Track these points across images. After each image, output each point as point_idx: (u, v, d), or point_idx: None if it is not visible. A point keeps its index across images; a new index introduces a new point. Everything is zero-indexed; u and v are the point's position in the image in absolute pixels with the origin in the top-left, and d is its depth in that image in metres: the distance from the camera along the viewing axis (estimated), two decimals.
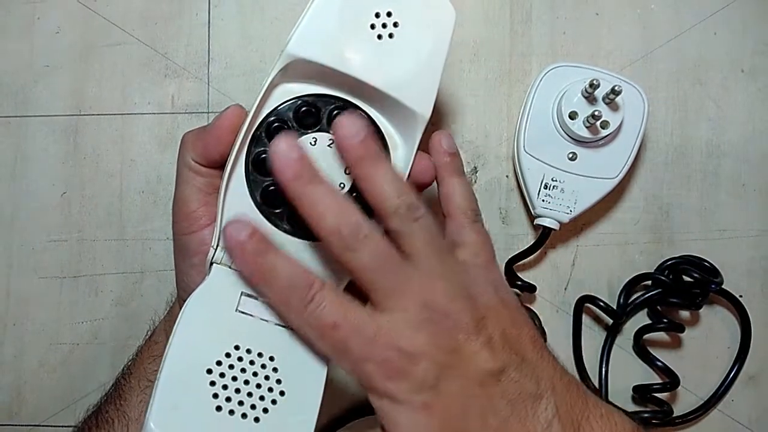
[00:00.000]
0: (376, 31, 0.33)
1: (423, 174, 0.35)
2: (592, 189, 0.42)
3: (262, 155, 0.33)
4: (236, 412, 0.29)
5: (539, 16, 0.45)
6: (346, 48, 0.32)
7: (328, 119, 0.34)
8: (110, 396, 0.37)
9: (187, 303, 0.31)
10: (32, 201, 0.46)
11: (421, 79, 0.34)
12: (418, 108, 0.33)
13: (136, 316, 0.45)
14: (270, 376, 0.31)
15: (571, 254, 0.45)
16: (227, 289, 0.32)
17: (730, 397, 0.45)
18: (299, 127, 0.33)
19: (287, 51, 0.32)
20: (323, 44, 0.32)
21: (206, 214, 0.34)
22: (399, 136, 0.35)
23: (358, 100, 0.34)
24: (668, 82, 0.45)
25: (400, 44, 0.33)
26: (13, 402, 0.45)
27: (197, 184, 0.34)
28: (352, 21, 0.32)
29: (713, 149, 0.45)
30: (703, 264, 0.43)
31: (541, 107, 0.42)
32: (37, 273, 0.45)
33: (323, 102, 0.34)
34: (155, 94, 0.46)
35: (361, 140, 0.30)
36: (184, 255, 0.35)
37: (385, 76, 0.33)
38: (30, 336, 0.45)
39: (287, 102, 0.33)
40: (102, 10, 0.46)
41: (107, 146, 0.46)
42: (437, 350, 0.28)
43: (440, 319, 0.29)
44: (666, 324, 0.43)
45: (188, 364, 0.30)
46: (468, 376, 0.28)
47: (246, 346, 0.31)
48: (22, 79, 0.46)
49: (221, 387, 0.29)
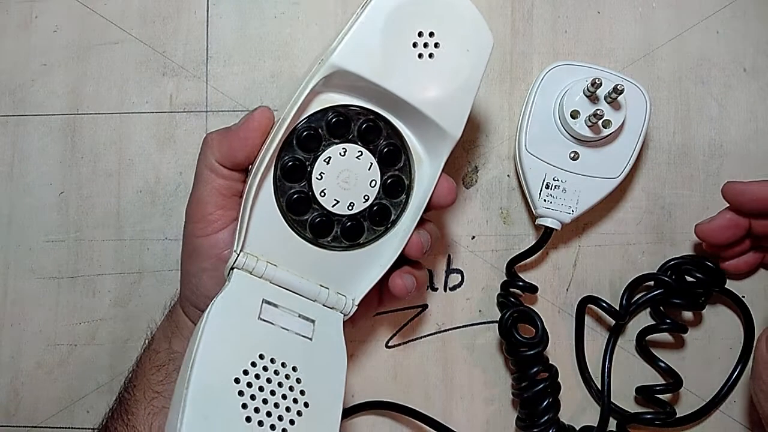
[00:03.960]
0: (417, 49, 0.33)
1: (445, 196, 0.36)
2: (594, 189, 0.41)
3: (290, 162, 0.33)
4: (265, 423, 0.29)
5: (541, 15, 0.45)
6: (387, 63, 0.33)
7: (359, 132, 0.34)
8: (115, 412, 0.36)
9: (211, 310, 0.30)
10: (29, 201, 0.45)
11: (455, 100, 0.34)
12: (450, 128, 0.34)
13: (135, 317, 0.45)
14: (294, 387, 0.30)
15: (573, 254, 0.45)
16: (249, 296, 0.32)
17: (733, 398, 0.44)
18: (330, 136, 0.34)
19: (331, 61, 0.32)
20: (366, 58, 0.32)
21: (222, 217, 0.34)
22: (426, 153, 0.36)
23: (390, 115, 0.35)
24: (670, 81, 0.45)
25: (440, 65, 0.34)
26: (11, 403, 0.45)
27: (217, 186, 0.34)
28: (396, 38, 0.33)
29: (715, 149, 0.45)
30: (705, 264, 0.43)
31: (542, 106, 0.42)
32: (35, 273, 0.45)
33: (355, 114, 0.34)
34: (153, 93, 0.45)
35: None
36: (196, 258, 0.34)
37: (421, 94, 0.33)
38: (27, 337, 0.45)
39: (321, 111, 0.33)
40: (100, 9, 0.45)
41: (105, 145, 0.45)
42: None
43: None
44: (669, 325, 0.42)
45: (216, 374, 0.29)
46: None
47: (270, 356, 0.30)
48: (20, 78, 0.45)
49: (249, 397, 0.29)
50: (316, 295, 0.34)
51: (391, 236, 0.36)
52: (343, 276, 0.35)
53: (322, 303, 0.35)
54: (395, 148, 0.35)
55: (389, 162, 0.35)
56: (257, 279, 0.33)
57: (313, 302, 0.34)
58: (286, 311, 0.33)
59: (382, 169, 0.35)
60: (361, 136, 0.34)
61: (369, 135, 0.34)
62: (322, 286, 0.35)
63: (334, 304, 0.35)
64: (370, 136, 0.34)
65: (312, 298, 0.34)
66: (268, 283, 0.33)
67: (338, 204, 0.34)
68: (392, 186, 0.35)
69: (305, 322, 0.33)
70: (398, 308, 0.45)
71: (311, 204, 0.34)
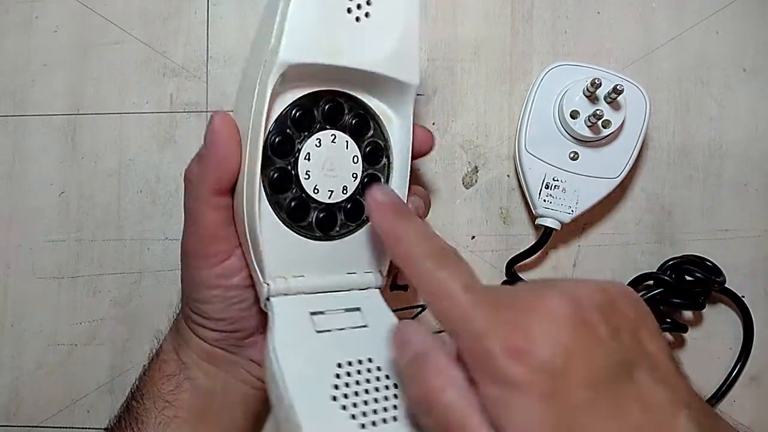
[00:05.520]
0: (353, 14, 0.33)
1: (423, 143, 0.36)
2: (593, 189, 0.42)
3: (275, 174, 0.32)
4: (377, 422, 0.28)
5: (540, 15, 0.45)
6: (332, 40, 0.32)
7: (323, 116, 0.34)
8: (123, 420, 0.36)
9: (274, 347, 0.29)
10: (30, 201, 0.45)
11: (402, 48, 0.33)
12: (407, 78, 0.34)
13: (135, 317, 0.45)
14: (380, 377, 0.30)
15: (573, 254, 0.45)
16: (297, 316, 0.32)
17: (732, 397, 0.44)
18: (299, 133, 0.33)
19: (280, 60, 0.30)
20: (312, 43, 0.31)
21: (225, 247, 0.33)
22: (392, 111, 0.35)
23: (347, 87, 0.34)
24: (670, 82, 0.45)
25: (377, 20, 0.33)
26: (12, 403, 0.45)
27: (213, 220, 0.32)
28: (331, 11, 0.32)
29: (715, 149, 0.45)
30: (705, 263, 0.43)
31: (542, 106, 0.42)
32: (35, 273, 0.45)
33: (315, 101, 0.33)
34: (154, 93, 0.45)
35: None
36: (202, 288, 0.34)
37: (372, 57, 0.33)
38: (28, 337, 0.45)
39: (283, 113, 0.33)
40: (100, 9, 0.45)
41: (105, 146, 0.45)
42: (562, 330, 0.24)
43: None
44: (669, 324, 0.42)
45: (315, 406, 0.28)
46: (595, 363, 0.24)
47: (345, 360, 0.30)
48: (20, 78, 0.46)
49: (352, 406, 0.28)
50: (350, 285, 0.35)
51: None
52: (362, 255, 0.35)
53: (357, 289, 0.35)
54: (363, 118, 0.35)
55: (361, 133, 0.35)
56: (294, 297, 0.32)
57: (348, 292, 0.34)
58: (332, 313, 0.32)
59: (358, 142, 0.35)
60: (327, 120, 0.34)
61: (335, 115, 0.34)
62: (349, 273, 0.35)
63: (368, 284, 0.35)
64: (337, 116, 0.34)
65: (347, 289, 0.34)
66: (305, 295, 0.33)
67: (333, 193, 0.34)
68: (372, 154, 0.35)
69: (353, 313, 0.33)
70: (398, 308, 0.45)
71: (310, 205, 0.34)
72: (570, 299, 0.25)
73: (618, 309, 0.26)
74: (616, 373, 0.24)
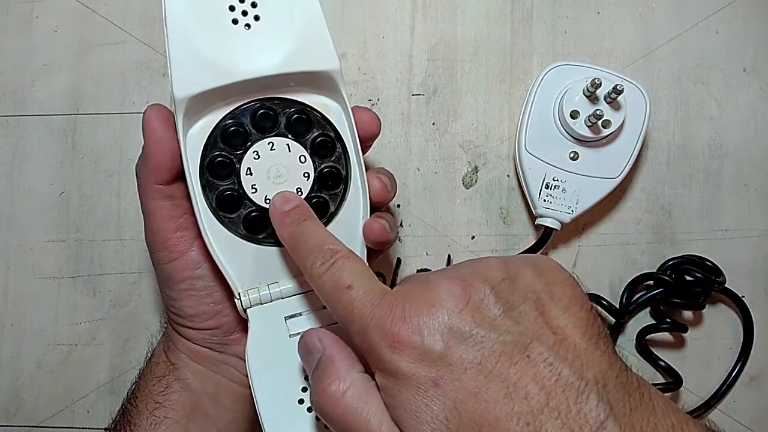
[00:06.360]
0: (240, 23, 0.31)
1: (369, 124, 0.34)
2: (593, 189, 0.42)
3: (223, 194, 0.32)
4: None
5: (540, 15, 0.45)
6: (226, 56, 0.31)
7: (255, 127, 0.33)
8: (118, 423, 0.36)
9: (247, 357, 0.32)
10: (30, 201, 0.45)
11: (310, 37, 0.32)
12: (323, 66, 0.32)
13: (135, 317, 0.45)
14: None
15: (573, 254, 0.45)
16: (272, 324, 0.33)
17: (732, 397, 0.44)
18: (234, 151, 0.33)
19: (176, 97, 0.30)
20: (201, 69, 0.30)
21: (183, 238, 0.34)
22: (327, 98, 0.34)
23: (270, 92, 0.33)
24: (670, 82, 0.45)
25: (270, 20, 0.32)
26: (11, 403, 0.45)
27: (166, 211, 0.33)
28: (214, 29, 0.31)
29: (715, 149, 0.45)
30: (705, 263, 0.43)
31: (542, 106, 0.42)
32: (35, 273, 0.45)
33: (242, 116, 0.33)
34: (154, 94, 0.45)
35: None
36: (171, 282, 0.34)
37: (273, 59, 0.31)
38: (28, 336, 0.45)
39: (212, 135, 0.32)
40: (100, 9, 0.45)
41: (105, 146, 0.45)
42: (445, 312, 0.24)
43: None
44: (669, 324, 0.42)
45: (280, 405, 0.31)
46: (483, 345, 0.23)
47: None
48: (20, 78, 0.46)
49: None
50: None
51: (353, 190, 0.34)
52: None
53: None
54: (298, 117, 0.33)
55: (302, 131, 0.33)
56: (270, 304, 0.33)
57: None
58: (308, 313, 0.33)
59: (302, 141, 0.33)
60: (260, 129, 0.33)
61: (266, 123, 0.33)
62: None
63: None
64: (269, 123, 0.33)
65: None
66: (281, 300, 0.33)
67: None
68: (321, 147, 0.34)
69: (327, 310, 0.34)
70: None
71: (265, 215, 0.33)
72: (459, 282, 0.25)
73: (519, 284, 0.25)
74: (509, 352, 0.23)
